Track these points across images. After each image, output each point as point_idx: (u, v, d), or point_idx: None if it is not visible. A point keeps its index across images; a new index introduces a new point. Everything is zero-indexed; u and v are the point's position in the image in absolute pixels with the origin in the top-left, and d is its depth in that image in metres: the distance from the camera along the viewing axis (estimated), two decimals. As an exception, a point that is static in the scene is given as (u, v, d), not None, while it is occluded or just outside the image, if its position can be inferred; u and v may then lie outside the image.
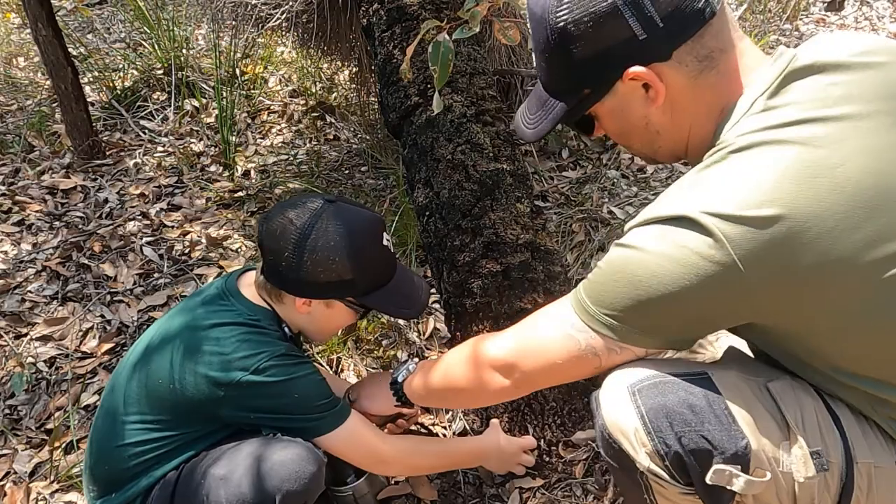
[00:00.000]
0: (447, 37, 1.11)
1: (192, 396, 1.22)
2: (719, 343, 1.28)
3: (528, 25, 1.01)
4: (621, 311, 0.93)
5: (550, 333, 1.02)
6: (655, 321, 0.93)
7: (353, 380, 1.85)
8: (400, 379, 1.40)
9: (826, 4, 4.29)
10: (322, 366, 1.89)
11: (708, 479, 0.89)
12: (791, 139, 0.83)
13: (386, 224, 1.35)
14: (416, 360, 1.46)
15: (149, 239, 2.43)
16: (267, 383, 1.20)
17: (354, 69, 3.05)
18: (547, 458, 1.57)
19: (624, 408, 0.95)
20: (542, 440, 1.57)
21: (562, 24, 0.92)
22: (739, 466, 0.89)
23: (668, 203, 0.89)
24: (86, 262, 2.30)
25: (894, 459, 0.93)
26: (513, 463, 1.51)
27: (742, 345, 1.09)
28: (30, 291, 2.18)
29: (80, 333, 2.03)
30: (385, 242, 1.31)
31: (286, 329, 1.32)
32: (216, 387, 1.20)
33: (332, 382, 1.39)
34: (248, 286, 1.34)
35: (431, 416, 1.75)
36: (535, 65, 1.05)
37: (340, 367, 1.90)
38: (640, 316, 0.93)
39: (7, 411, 1.81)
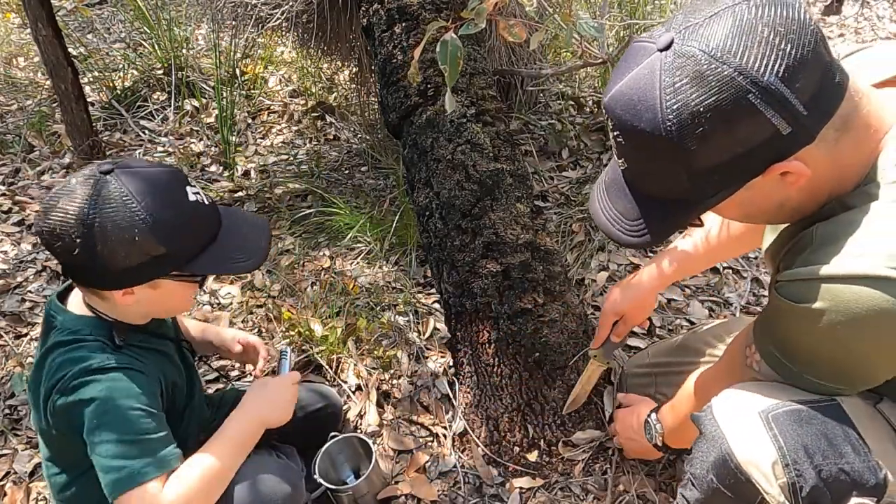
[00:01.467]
0: (454, 35, 1.10)
1: (47, 433, 1.15)
2: None
3: (619, 137, 0.88)
4: (822, 374, 0.90)
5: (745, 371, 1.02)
6: (859, 379, 0.89)
7: (352, 381, 1.85)
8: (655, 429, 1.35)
9: (824, 8, 4.29)
10: (322, 365, 1.89)
11: None
12: None
13: (185, 175, 1.15)
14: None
15: (149, 239, 2.42)
16: (73, 404, 1.06)
17: (354, 69, 3.04)
18: (547, 458, 1.57)
19: (757, 436, 0.90)
20: (543, 440, 1.57)
21: (684, 132, 0.79)
22: (875, 499, 0.86)
23: (850, 258, 0.80)
24: (86, 261, 2.30)
25: None
26: (290, 398, 1.32)
27: None
28: (30, 291, 2.18)
29: (80, 333, 2.03)
30: (193, 197, 1.11)
31: (114, 335, 1.15)
32: (48, 415, 1.11)
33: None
34: (75, 296, 1.20)
35: (431, 417, 1.75)
36: (631, 170, 0.92)
37: (340, 367, 1.90)
38: (847, 376, 0.89)
39: (7, 411, 1.81)
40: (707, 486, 0.97)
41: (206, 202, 1.14)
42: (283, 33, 2.84)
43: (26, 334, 2.02)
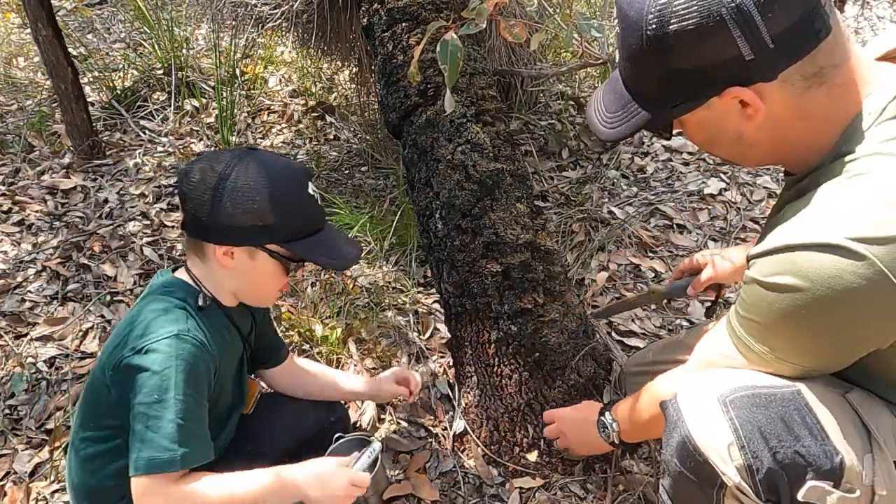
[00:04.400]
0: (454, 35, 1.10)
1: (101, 391, 1.18)
2: None
3: (618, 26, 0.95)
4: (776, 345, 0.92)
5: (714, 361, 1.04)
6: (807, 350, 0.91)
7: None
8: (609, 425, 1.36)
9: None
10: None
11: (801, 497, 0.87)
12: None
13: (312, 176, 1.28)
14: None
15: (149, 239, 2.43)
16: (137, 368, 1.09)
17: (354, 69, 3.05)
18: (547, 458, 1.57)
19: (715, 419, 0.92)
20: (543, 440, 1.57)
21: (662, 33, 0.85)
22: (832, 483, 0.87)
23: (809, 229, 0.83)
24: (86, 262, 2.30)
25: None
26: (342, 497, 1.22)
27: None
28: (30, 291, 2.18)
29: (80, 333, 2.03)
30: (311, 192, 1.23)
31: (200, 299, 1.22)
32: (108, 370, 1.15)
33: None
34: (181, 270, 1.29)
35: (431, 419, 1.75)
36: (620, 63, 0.99)
37: (341, 367, 1.90)
38: (794, 348, 0.91)
39: (7, 411, 1.81)
40: (673, 470, 1.01)
41: (320, 201, 1.27)
42: (283, 33, 2.84)
43: (26, 334, 2.02)
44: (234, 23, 2.77)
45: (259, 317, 1.45)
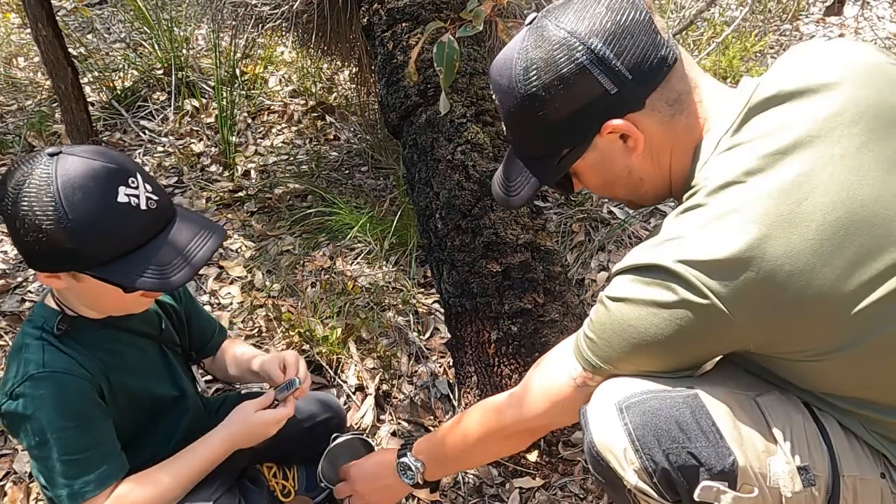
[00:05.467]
0: (451, 37, 1.10)
1: None
2: None
3: (495, 97, 1.04)
4: (618, 361, 0.98)
5: (555, 382, 1.10)
6: (651, 365, 0.97)
7: (353, 381, 1.86)
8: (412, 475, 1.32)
9: (825, 9, 4.29)
10: (322, 366, 1.89)
11: (696, 496, 0.90)
12: (755, 179, 0.85)
13: (132, 173, 1.06)
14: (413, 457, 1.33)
15: (149, 239, 2.42)
16: (14, 415, 1.07)
17: (354, 69, 3.05)
18: (547, 458, 1.57)
19: (612, 425, 0.95)
20: (542, 440, 1.57)
21: (533, 90, 0.94)
22: (727, 483, 0.89)
23: (647, 251, 0.91)
24: (86, 262, 2.30)
25: (879, 472, 0.93)
26: (265, 430, 1.26)
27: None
28: (30, 291, 2.18)
29: (80, 333, 2.03)
30: (124, 199, 1.03)
31: (56, 325, 1.13)
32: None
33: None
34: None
35: (431, 419, 1.75)
36: (506, 134, 1.07)
37: (341, 367, 1.91)
38: (637, 362, 0.97)
39: (7, 411, 1.81)
40: (592, 475, 1.06)
41: (144, 206, 1.05)
42: (283, 33, 2.84)
43: (26, 334, 2.02)
44: (234, 23, 2.77)
45: (180, 307, 1.39)
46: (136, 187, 1.05)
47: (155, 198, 1.08)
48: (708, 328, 0.88)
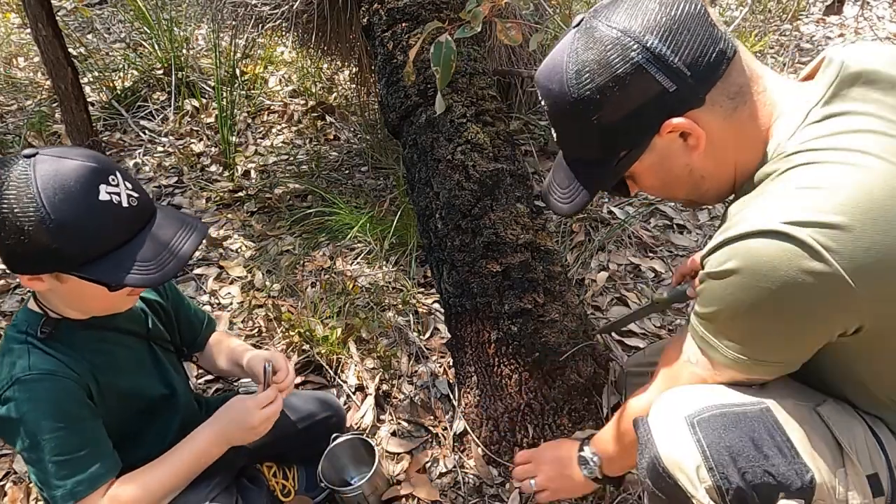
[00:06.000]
0: (449, 38, 1.10)
1: None
2: None
3: (544, 104, 1.00)
4: (744, 341, 0.91)
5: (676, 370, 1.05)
6: (774, 343, 0.90)
7: (352, 380, 1.86)
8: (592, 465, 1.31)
9: (825, 8, 4.29)
10: (322, 366, 1.89)
11: None
12: (854, 148, 0.82)
13: (111, 171, 1.05)
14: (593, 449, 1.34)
15: (149, 239, 2.42)
16: (3, 419, 1.07)
17: (354, 69, 3.05)
18: (547, 459, 1.57)
19: (682, 440, 0.92)
20: (542, 440, 1.57)
21: (587, 93, 0.90)
22: (803, 500, 0.87)
23: (747, 221, 0.85)
24: (86, 262, 2.30)
25: None
26: (258, 426, 1.24)
27: None
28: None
29: (80, 333, 2.03)
30: (105, 197, 1.02)
31: (39, 328, 1.13)
32: None
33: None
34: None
35: (431, 419, 1.75)
36: (558, 138, 1.03)
37: (341, 367, 1.91)
38: (759, 335, 0.90)
39: (7, 411, 1.81)
40: (648, 489, 1.00)
41: (126, 203, 1.05)
42: (283, 33, 2.84)
43: (26, 334, 2.02)
44: (234, 23, 2.77)
45: (167, 303, 1.39)
46: (117, 185, 1.05)
47: (135, 195, 1.07)
48: (825, 291, 0.80)
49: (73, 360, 1.13)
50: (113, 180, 1.05)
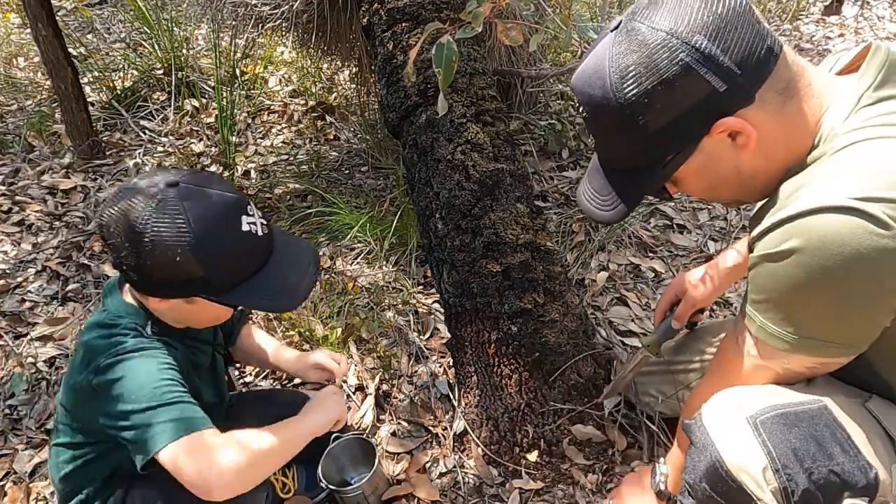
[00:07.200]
0: (450, 38, 1.10)
1: (73, 408, 1.19)
2: None
3: (583, 112, 0.97)
4: (809, 324, 0.89)
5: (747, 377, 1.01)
6: (841, 317, 0.87)
7: (352, 380, 1.86)
8: (663, 487, 1.28)
9: (824, 8, 4.29)
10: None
11: None
12: None
13: (247, 202, 1.13)
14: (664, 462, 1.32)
15: (149, 239, 2.43)
16: (108, 382, 1.08)
17: (354, 69, 3.05)
18: (547, 458, 1.57)
19: (746, 442, 0.90)
20: (542, 440, 1.57)
21: (632, 98, 0.88)
22: (868, 498, 0.87)
23: (806, 199, 0.83)
24: (86, 262, 2.30)
25: None
26: (329, 407, 1.32)
27: None
28: (30, 291, 2.18)
29: (81, 333, 2.03)
30: (245, 228, 1.10)
31: (148, 327, 1.18)
32: (77, 393, 1.15)
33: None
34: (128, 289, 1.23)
35: (432, 419, 1.75)
36: (597, 146, 1.01)
37: (340, 367, 1.90)
38: (826, 316, 0.88)
39: (7, 411, 1.81)
40: (701, 493, 0.98)
41: (261, 232, 1.13)
42: (283, 33, 2.84)
43: (26, 334, 2.02)
44: (234, 23, 2.77)
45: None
46: (252, 215, 1.13)
47: (265, 222, 1.15)
48: (890, 261, 0.79)
49: (170, 351, 1.17)
50: (250, 210, 1.12)
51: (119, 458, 1.17)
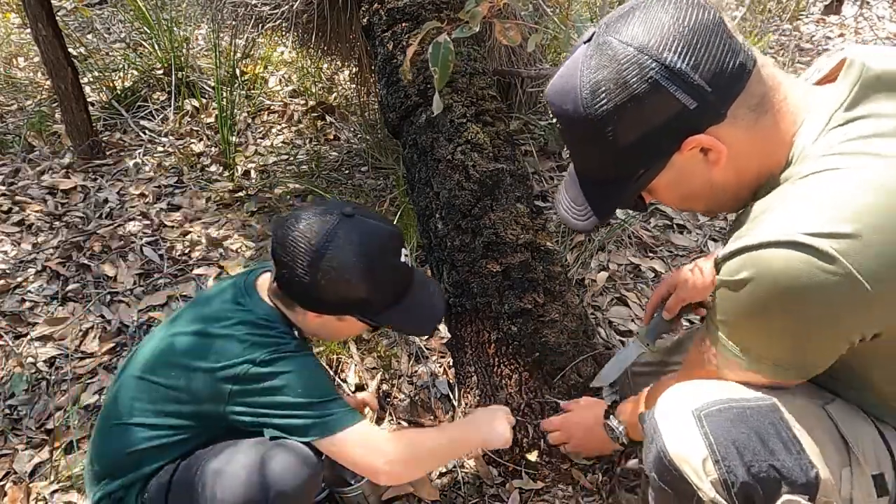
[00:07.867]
0: (447, 38, 1.10)
1: (198, 393, 1.21)
2: None
3: (557, 123, 0.98)
4: (758, 349, 0.91)
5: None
6: (786, 348, 0.90)
7: (352, 380, 1.86)
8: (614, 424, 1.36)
9: (824, 8, 4.29)
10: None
11: None
12: (875, 152, 0.81)
13: (403, 240, 1.30)
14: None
15: (149, 239, 2.43)
16: (271, 374, 1.18)
17: (354, 69, 3.05)
18: (547, 458, 1.57)
19: (689, 433, 0.92)
20: (543, 440, 1.57)
21: (603, 113, 0.87)
22: (807, 496, 0.88)
23: (766, 229, 0.84)
24: (86, 262, 2.30)
25: None
26: (501, 428, 1.40)
27: None
28: (30, 291, 2.18)
29: (80, 333, 2.03)
30: (403, 258, 1.27)
31: (296, 332, 1.30)
32: (223, 382, 1.19)
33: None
34: (263, 287, 1.33)
35: (431, 419, 1.75)
36: (571, 156, 1.02)
37: (341, 366, 1.90)
38: (772, 345, 0.90)
39: (7, 411, 1.81)
40: (653, 482, 1.01)
41: (410, 264, 1.30)
42: (283, 33, 2.84)
43: (26, 334, 2.02)
44: (234, 23, 2.77)
45: None
46: (405, 247, 1.28)
47: (409, 254, 1.30)
48: (847, 298, 0.80)
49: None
50: (405, 244, 1.28)
51: (194, 444, 1.25)
